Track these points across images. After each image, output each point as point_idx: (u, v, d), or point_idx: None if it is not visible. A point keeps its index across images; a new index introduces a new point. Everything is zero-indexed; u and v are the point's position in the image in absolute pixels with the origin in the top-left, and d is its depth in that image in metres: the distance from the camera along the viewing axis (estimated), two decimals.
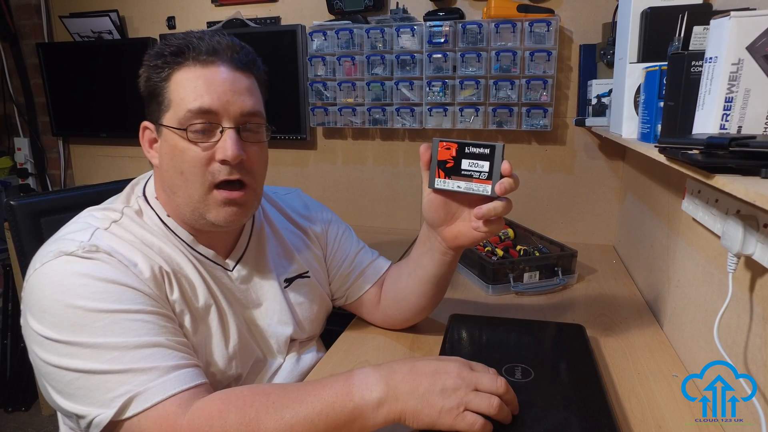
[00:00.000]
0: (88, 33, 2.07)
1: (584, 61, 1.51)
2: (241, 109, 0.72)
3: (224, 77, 0.71)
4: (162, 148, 0.74)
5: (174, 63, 0.71)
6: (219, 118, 0.71)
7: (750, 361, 0.65)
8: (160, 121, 0.73)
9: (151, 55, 0.73)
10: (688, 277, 0.89)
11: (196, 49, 0.71)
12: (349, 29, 1.66)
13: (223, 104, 0.70)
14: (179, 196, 0.73)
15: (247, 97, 0.73)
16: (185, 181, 0.72)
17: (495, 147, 0.69)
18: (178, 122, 0.70)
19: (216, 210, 0.73)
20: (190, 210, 0.74)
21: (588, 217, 1.65)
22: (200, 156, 0.70)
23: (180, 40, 0.72)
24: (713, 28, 0.61)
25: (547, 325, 0.97)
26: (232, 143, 0.70)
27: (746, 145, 0.49)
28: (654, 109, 0.80)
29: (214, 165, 0.71)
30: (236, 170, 0.72)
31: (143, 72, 0.74)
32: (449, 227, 0.78)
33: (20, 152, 2.36)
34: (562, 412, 0.67)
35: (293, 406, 0.59)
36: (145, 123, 0.76)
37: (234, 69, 0.72)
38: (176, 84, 0.71)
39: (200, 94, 0.70)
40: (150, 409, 0.58)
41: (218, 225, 0.74)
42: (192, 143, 0.70)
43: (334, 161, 1.89)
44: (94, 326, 0.60)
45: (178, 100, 0.70)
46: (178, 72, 0.71)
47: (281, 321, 0.86)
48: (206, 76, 0.70)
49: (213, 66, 0.71)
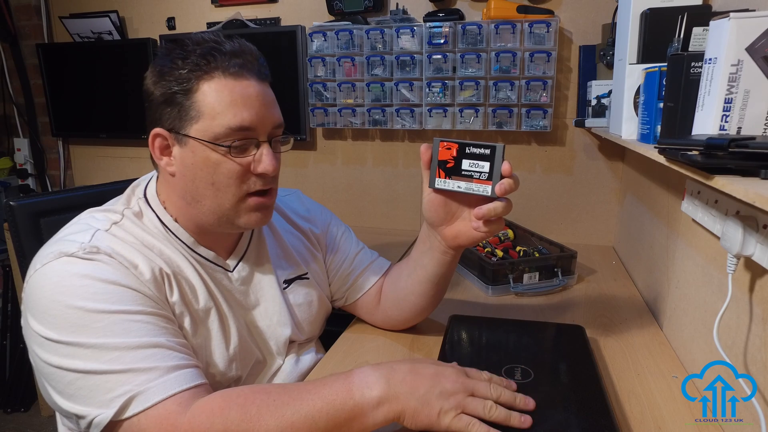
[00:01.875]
0: (87, 34, 2.07)
1: (584, 62, 1.52)
2: (273, 123, 0.74)
3: (256, 91, 0.72)
4: (184, 158, 0.72)
5: (201, 72, 0.69)
6: (256, 133, 0.72)
7: (750, 362, 0.65)
8: (183, 131, 0.71)
9: (169, 59, 0.70)
10: (687, 278, 0.89)
11: (224, 59, 0.70)
12: (349, 30, 1.66)
13: (260, 119, 0.72)
14: (205, 205, 0.74)
15: (275, 109, 0.75)
16: (216, 192, 0.73)
17: (495, 147, 0.70)
18: (214, 136, 0.70)
19: (247, 215, 0.75)
20: (217, 217, 0.74)
21: (587, 218, 1.65)
22: (237, 169, 0.72)
23: (201, 47, 0.70)
24: (713, 30, 0.62)
25: (546, 325, 0.97)
26: (272, 158, 0.73)
27: (746, 146, 0.50)
28: (653, 110, 0.81)
29: (251, 177, 0.73)
30: (270, 181, 0.75)
31: (158, 77, 0.71)
32: (449, 227, 0.78)
33: (20, 153, 2.36)
34: (561, 412, 0.67)
35: (294, 403, 0.60)
36: (159, 130, 0.72)
37: (260, 81, 0.73)
38: (206, 96, 0.69)
39: (239, 110, 0.70)
40: (150, 408, 0.58)
41: (247, 228, 0.77)
42: (227, 157, 0.71)
43: (333, 162, 1.89)
44: (95, 327, 0.61)
45: (212, 113, 0.69)
46: (208, 83, 0.69)
47: (280, 322, 0.86)
48: (240, 90, 0.70)
49: (244, 79, 0.71)
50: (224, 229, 0.78)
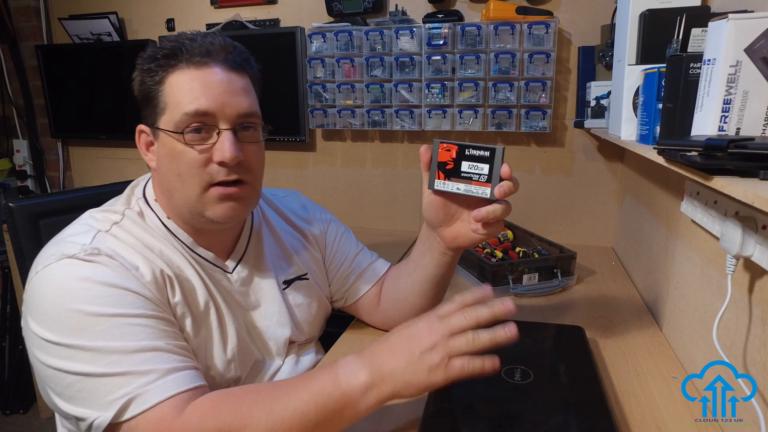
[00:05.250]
0: (87, 35, 2.07)
1: (583, 63, 1.52)
2: (238, 110, 0.72)
3: (219, 78, 0.71)
4: (159, 151, 0.74)
5: (167, 66, 0.71)
6: (215, 119, 0.71)
7: (749, 363, 0.65)
8: (156, 125, 0.72)
9: (143, 58, 0.73)
10: (687, 279, 0.89)
11: (189, 51, 0.70)
12: (348, 31, 1.66)
13: (220, 106, 0.70)
14: (177, 198, 0.73)
15: (243, 97, 0.73)
16: (182, 183, 0.72)
17: (495, 150, 0.70)
18: (175, 125, 0.70)
19: (213, 206, 0.73)
20: (188, 210, 0.74)
21: (587, 219, 1.65)
22: (197, 158, 0.70)
23: (172, 43, 0.72)
24: (711, 31, 0.62)
25: (546, 326, 0.97)
26: (230, 144, 0.70)
27: (745, 147, 0.50)
28: (653, 111, 0.81)
29: (212, 166, 0.71)
30: (234, 171, 0.72)
31: (137, 75, 0.73)
32: (449, 228, 0.78)
33: (19, 154, 2.36)
34: (561, 413, 0.67)
35: (283, 398, 0.60)
36: (141, 126, 0.76)
37: (228, 69, 0.72)
38: (171, 87, 0.71)
39: (196, 96, 0.69)
40: (147, 411, 0.58)
41: (217, 221, 0.74)
42: (189, 146, 0.70)
43: (333, 163, 1.89)
44: (95, 330, 0.61)
45: (174, 103, 0.70)
46: (172, 75, 0.71)
47: (280, 323, 0.86)
48: (201, 78, 0.70)
49: (207, 67, 0.71)
50: (201, 224, 0.76)
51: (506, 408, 0.68)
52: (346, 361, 0.63)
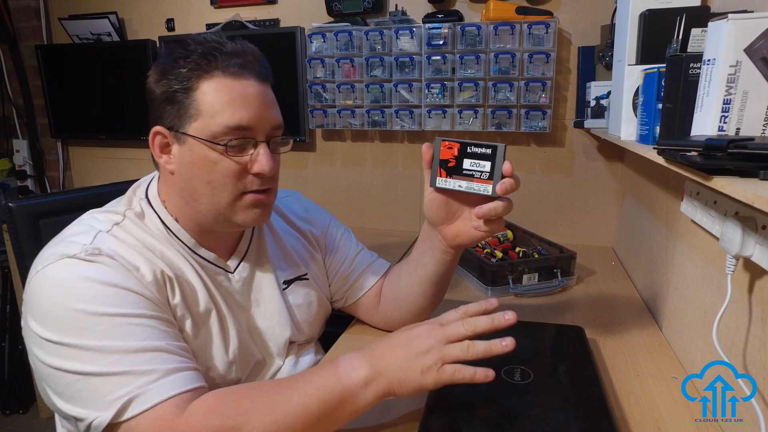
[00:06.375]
0: (87, 35, 2.07)
1: (583, 63, 1.52)
2: (272, 123, 0.74)
3: (255, 92, 0.72)
4: (182, 156, 0.73)
5: (201, 71, 0.70)
6: (254, 133, 0.72)
7: (749, 363, 0.66)
8: (182, 130, 0.71)
9: (170, 57, 0.71)
10: (687, 279, 0.89)
11: (224, 59, 0.70)
12: (348, 31, 1.66)
13: (259, 119, 0.72)
14: (202, 204, 0.74)
15: (275, 110, 0.76)
16: (213, 190, 0.73)
17: (497, 147, 0.70)
18: (212, 135, 0.70)
19: (244, 213, 0.75)
20: (214, 216, 0.75)
21: (587, 219, 1.65)
22: (234, 168, 0.72)
23: (203, 46, 0.71)
24: (711, 31, 0.62)
25: (546, 326, 0.97)
26: (268, 158, 0.73)
27: (744, 147, 0.50)
28: (652, 111, 0.81)
29: (248, 177, 0.73)
30: (266, 181, 0.75)
31: (158, 76, 0.72)
32: (450, 226, 0.78)
33: (19, 154, 2.36)
34: (561, 413, 0.67)
35: (285, 393, 0.62)
36: (159, 129, 0.73)
37: (260, 81, 0.73)
38: (205, 94, 0.70)
39: (237, 109, 0.70)
40: (148, 410, 0.58)
41: (244, 226, 0.77)
42: (226, 156, 0.71)
43: (333, 163, 1.89)
44: (95, 330, 0.61)
45: (211, 112, 0.70)
46: (207, 82, 0.70)
47: (280, 323, 0.86)
48: (239, 90, 0.71)
49: (243, 79, 0.71)
50: (222, 228, 0.78)
51: (506, 408, 0.68)
52: (346, 357, 0.65)
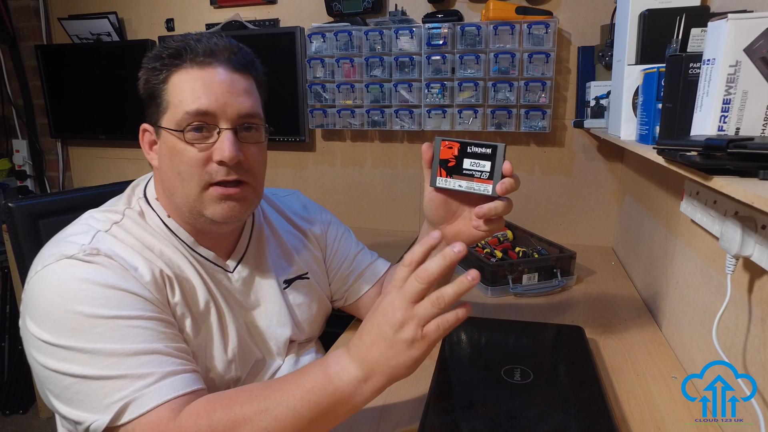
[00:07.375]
0: (86, 35, 2.07)
1: (582, 63, 1.52)
2: (239, 111, 0.72)
3: (222, 78, 0.71)
4: (161, 149, 0.74)
5: (171, 65, 0.71)
6: (216, 119, 0.71)
7: (749, 363, 0.66)
8: (158, 123, 0.73)
9: (149, 57, 0.74)
10: (686, 279, 0.89)
11: (193, 51, 0.71)
12: (348, 31, 1.66)
13: (221, 106, 0.71)
14: (177, 196, 0.74)
15: (245, 98, 0.73)
16: (182, 181, 0.72)
17: (497, 147, 0.70)
18: (176, 124, 0.70)
19: (213, 206, 0.73)
20: (188, 209, 0.74)
21: (587, 219, 1.65)
22: (197, 156, 0.71)
23: (177, 43, 0.72)
24: (711, 31, 0.62)
25: (546, 326, 0.97)
26: (229, 144, 0.70)
27: (744, 147, 0.50)
28: (652, 111, 0.81)
29: (212, 165, 0.71)
30: (234, 171, 0.72)
31: (142, 74, 0.74)
32: (450, 226, 0.78)
33: (18, 154, 2.36)
34: (561, 413, 0.67)
35: (275, 396, 0.59)
36: (145, 125, 0.76)
37: (232, 70, 0.72)
38: (174, 86, 0.71)
39: (198, 95, 0.70)
40: (144, 415, 0.58)
41: (216, 221, 0.74)
42: (189, 144, 0.70)
43: (332, 163, 1.89)
44: (93, 332, 0.60)
45: (176, 102, 0.71)
46: (176, 74, 0.71)
47: (280, 322, 0.86)
48: (203, 77, 0.70)
49: (210, 67, 0.71)
50: (200, 223, 0.76)
51: (506, 408, 0.68)
52: (336, 356, 0.61)
